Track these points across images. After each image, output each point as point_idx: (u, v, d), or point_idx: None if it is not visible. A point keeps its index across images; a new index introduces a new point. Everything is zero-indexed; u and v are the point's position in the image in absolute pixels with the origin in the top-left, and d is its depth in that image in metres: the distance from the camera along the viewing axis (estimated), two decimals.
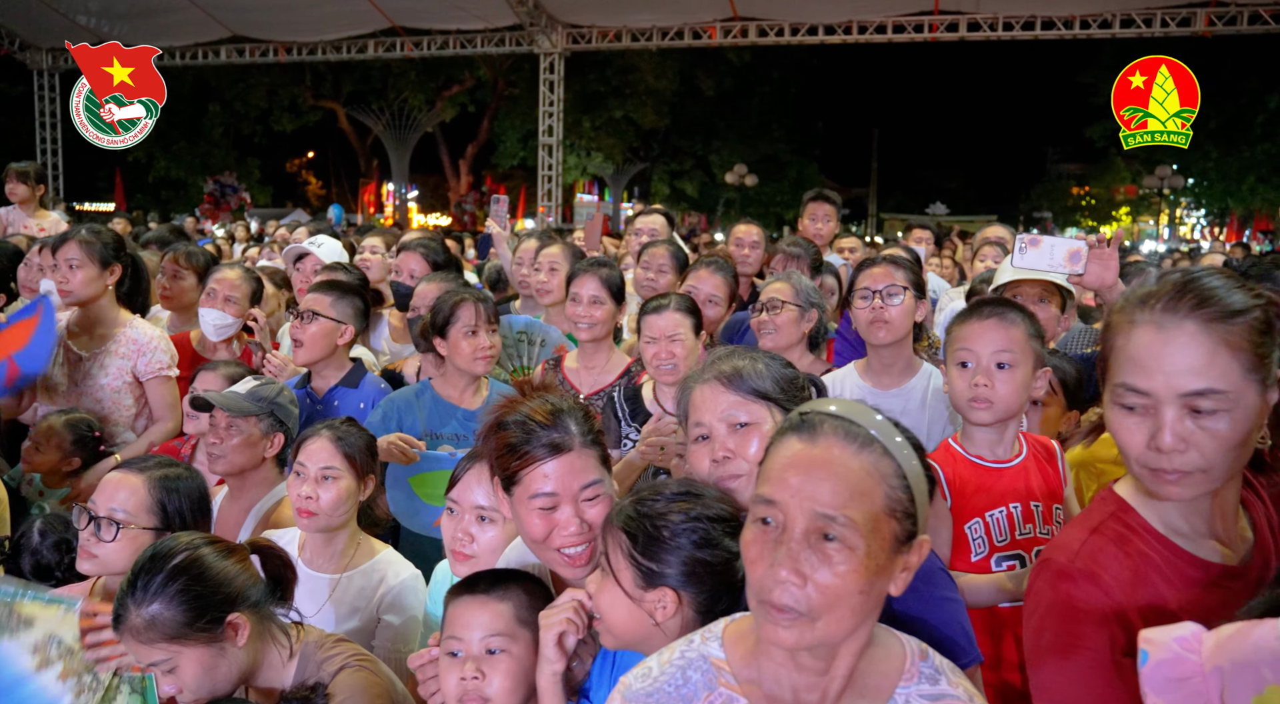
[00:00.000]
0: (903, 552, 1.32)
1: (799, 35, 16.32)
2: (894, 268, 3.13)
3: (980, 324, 2.35)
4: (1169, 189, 31.25)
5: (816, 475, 1.28)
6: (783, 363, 2.03)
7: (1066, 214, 44.98)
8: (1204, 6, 14.49)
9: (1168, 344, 1.36)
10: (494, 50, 18.13)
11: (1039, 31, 15.29)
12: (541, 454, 1.82)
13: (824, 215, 5.37)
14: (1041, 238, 2.70)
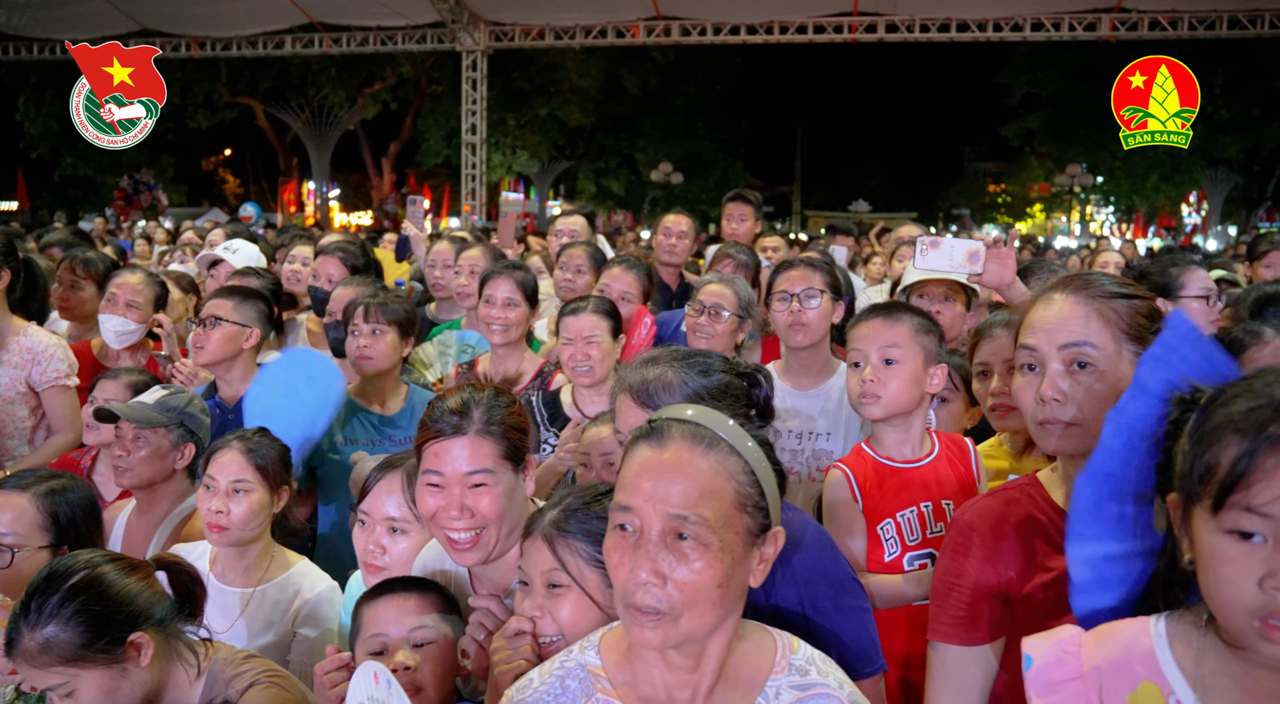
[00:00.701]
0: (758, 544, 1.39)
1: (721, 35, 16.45)
2: (811, 270, 3.16)
3: (867, 324, 2.42)
4: (1079, 187, 32.28)
5: (667, 478, 1.33)
6: (701, 370, 2.00)
7: (984, 211, 46.14)
8: (1108, 12, 15.00)
9: (1051, 308, 1.62)
10: (415, 47, 17.92)
11: (954, 34, 15.66)
12: (436, 433, 1.89)
13: (740, 216, 5.41)
14: (942, 239, 2.77)
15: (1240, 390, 1.17)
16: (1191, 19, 14.87)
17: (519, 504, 1.97)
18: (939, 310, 3.32)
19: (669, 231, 4.95)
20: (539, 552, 1.71)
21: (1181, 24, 14.93)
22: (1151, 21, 14.97)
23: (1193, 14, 14.81)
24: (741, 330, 3.50)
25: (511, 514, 1.94)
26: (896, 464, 2.39)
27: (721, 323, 3.41)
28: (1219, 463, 1.13)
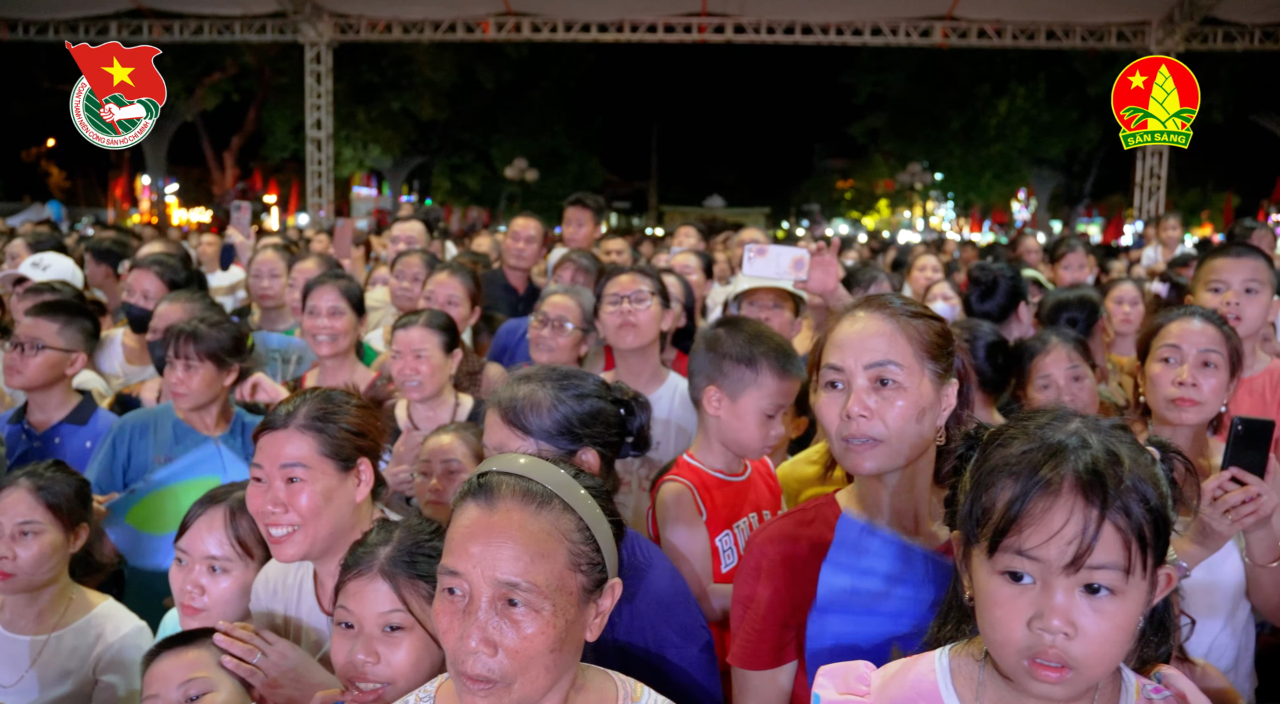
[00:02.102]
0: (594, 598, 1.36)
1: (572, 32, 16.43)
2: (640, 275, 3.20)
3: None
4: (920, 184, 33.79)
5: (496, 543, 1.29)
6: (576, 393, 1.99)
7: (833, 206, 47.72)
8: (941, 20, 15.74)
9: (856, 326, 1.64)
10: (254, 38, 17.17)
11: (799, 36, 16.12)
12: (265, 426, 1.95)
13: (579, 220, 5.42)
14: (768, 247, 2.84)
15: (1017, 432, 1.19)
16: (1014, 29, 15.77)
17: (342, 508, 1.94)
18: (768, 317, 3.39)
19: (517, 236, 4.92)
20: (375, 592, 1.65)
21: (1006, 33, 15.83)
22: (980, 30, 15.80)
23: (1015, 25, 15.71)
24: (585, 342, 3.49)
25: (333, 516, 1.91)
26: (727, 477, 2.42)
27: (565, 336, 3.38)
28: (994, 505, 1.14)
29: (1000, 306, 3.60)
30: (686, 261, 3.96)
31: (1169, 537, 1.15)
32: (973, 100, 30.02)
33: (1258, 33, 15.47)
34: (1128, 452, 1.13)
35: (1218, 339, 2.32)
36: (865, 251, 12.78)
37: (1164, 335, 2.36)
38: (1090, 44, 16.10)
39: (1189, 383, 2.27)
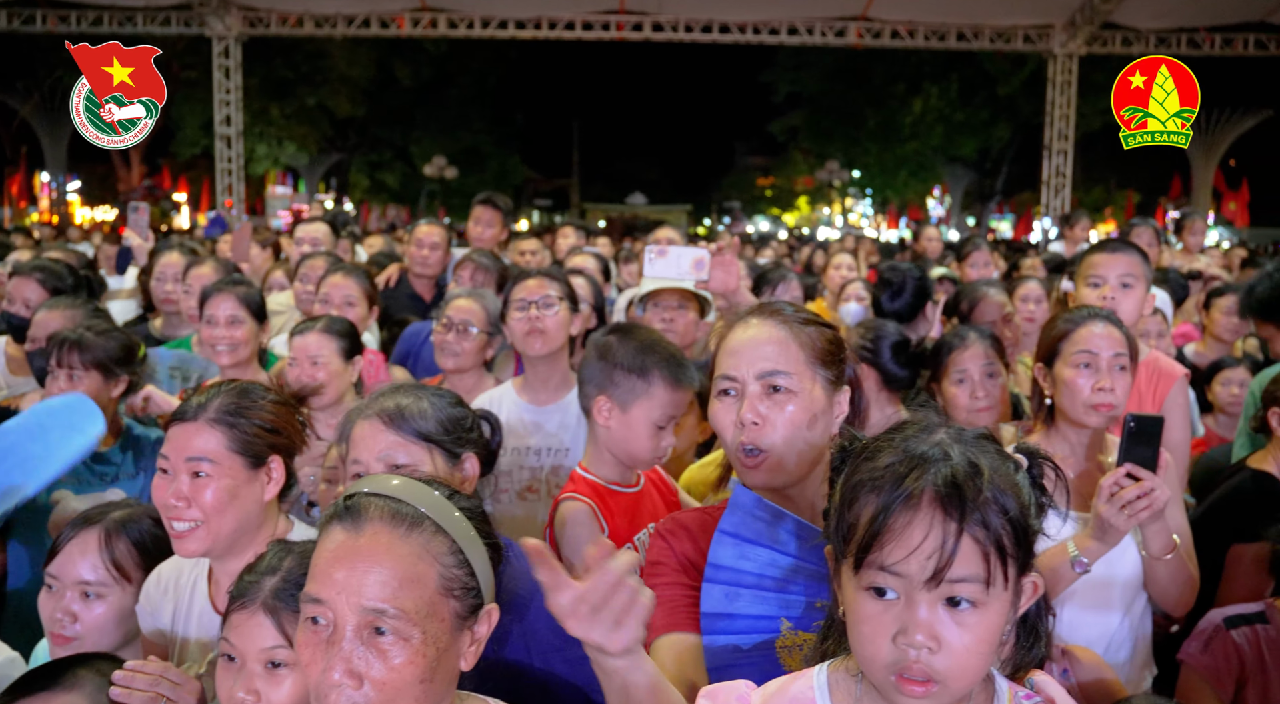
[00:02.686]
0: (468, 625, 1.31)
1: (489, 29, 16.27)
2: (548, 279, 3.15)
3: None
4: (837, 181, 34.34)
5: (361, 567, 1.23)
6: (452, 400, 2.00)
7: (754, 203, 48.22)
8: (855, 20, 16.00)
9: (749, 333, 1.64)
10: (158, 30, 16.57)
11: (716, 35, 16.22)
12: (175, 417, 1.92)
13: (487, 220, 5.34)
14: (669, 248, 2.82)
15: (883, 444, 1.18)
16: (926, 30, 16.11)
17: (249, 506, 1.90)
18: (672, 318, 3.38)
19: (421, 243, 4.83)
20: (258, 626, 1.56)
21: (918, 34, 16.15)
22: (893, 31, 16.11)
23: (927, 26, 16.05)
24: (491, 346, 3.43)
25: (238, 514, 1.88)
26: (623, 488, 2.38)
27: (469, 340, 3.32)
28: (858, 521, 1.14)
29: (908, 305, 3.67)
30: (584, 263, 3.92)
31: (1032, 546, 1.15)
32: (888, 99, 30.61)
33: (1152, 38, 16.05)
34: (989, 462, 1.13)
35: (1124, 342, 2.39)
36: (783, 249, 12.94)
37: (1076, 341, 2.37)
38: (998, 46, 16.53)
39: (1107, 388, 2.32)
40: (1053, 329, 2.46)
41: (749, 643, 1.50)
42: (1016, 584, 1.13)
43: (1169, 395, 2.95)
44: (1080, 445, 2.41)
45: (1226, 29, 15.82)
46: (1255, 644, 2.23)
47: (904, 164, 31.93)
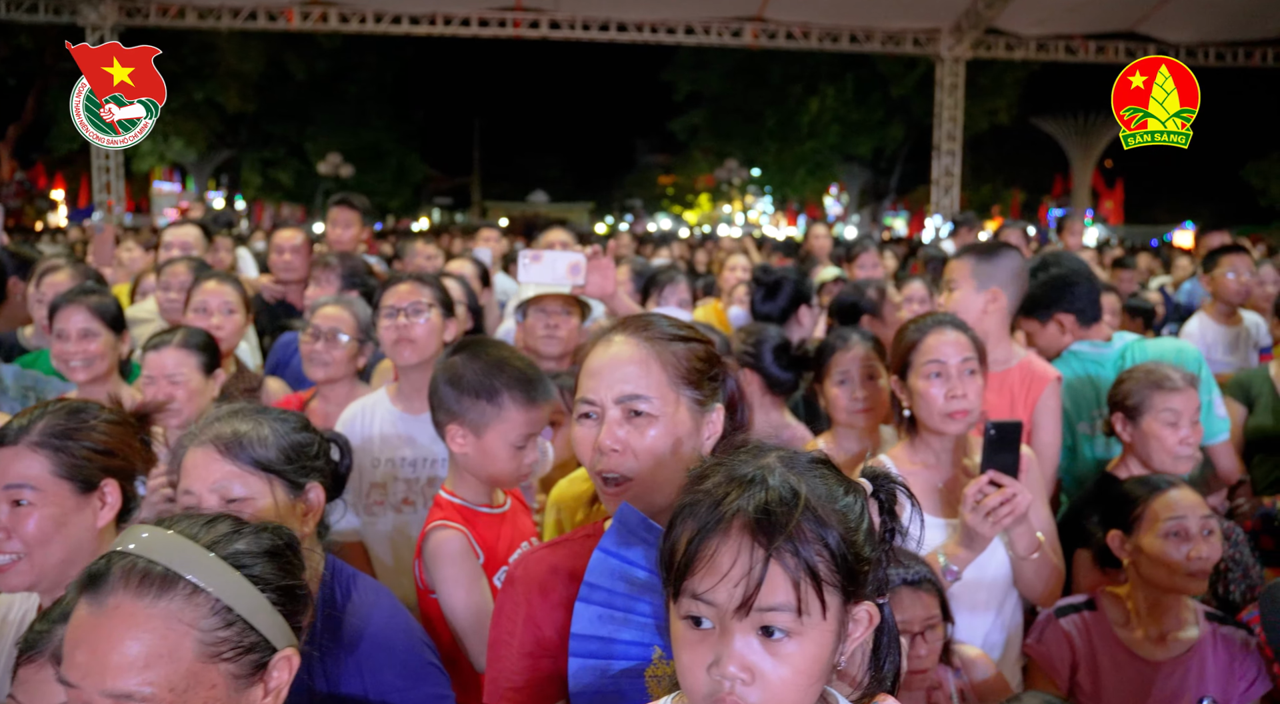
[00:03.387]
0: (256, 681, 1.24)
1: (383, 24, 15.93)
2: (419, 285, 3.05)
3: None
4: (737, 179, 34.76)
5: (103, 648, 1.15)
6: (297, 425, 1.89)
7: (656, 201, 48.42)
8: (751, 21, 16.18)
9: (609, 352, 1.54)
10: (25, 18, 15.71)
11: (614, 33, 16.20)
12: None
13: (345, 221, 5.18)
14: (544, 253, 2.77)
15: (714, 467, 1.14)
16: (820, 32, 16.40)
17: (79, 535, 1.77)
18: (556, 324, 3.33)
19: (280, 249, 4.64)
20: (46, 683, 1.44)
21: (812, 35, 16.43)
22: (788, 32, 16.34)
23: (821, 28, 16.33)
24: (363, 354, 3.32)
25: (65, 544, 1.75)
26: (492, 511, 2.28)
27: (339, 348, 3.18)
28: (676, 545, 1.10)
29: (782, 309, 3.66)
30: (462, 269, 3.84)
31: (864, 574, 1.12)
32: (786, 99, 31.11)
33: (1033, 43, 16.68)
34: (811, 488, 1.10)
35: (971, 346, 2.40)
36: (683, 248, 12.98)
37: (924, 351, 2.38)
38: (888, 48, 16.94)
39: (960, 395, 2.33)
40: (902, 340, 2.46)
41: (618, 668, 1.44)
42: (842, 614, 1.10)
43: (1041, 398, 3.02)
44: (945, 452, 2.43)
45: (1100, 37, 16.53)
46: (1084, 630, 2.35)
47: (802, 163, 32.51)
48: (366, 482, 2.86)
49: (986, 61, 16.94)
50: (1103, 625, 2.35)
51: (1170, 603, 2.33)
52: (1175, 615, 2.34)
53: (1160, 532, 2.31)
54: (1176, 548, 2.28)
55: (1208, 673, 2.27)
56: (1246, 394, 4.13)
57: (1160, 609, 2.34)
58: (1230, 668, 2.28)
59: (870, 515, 1.16)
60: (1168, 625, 2.33)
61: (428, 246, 5.70)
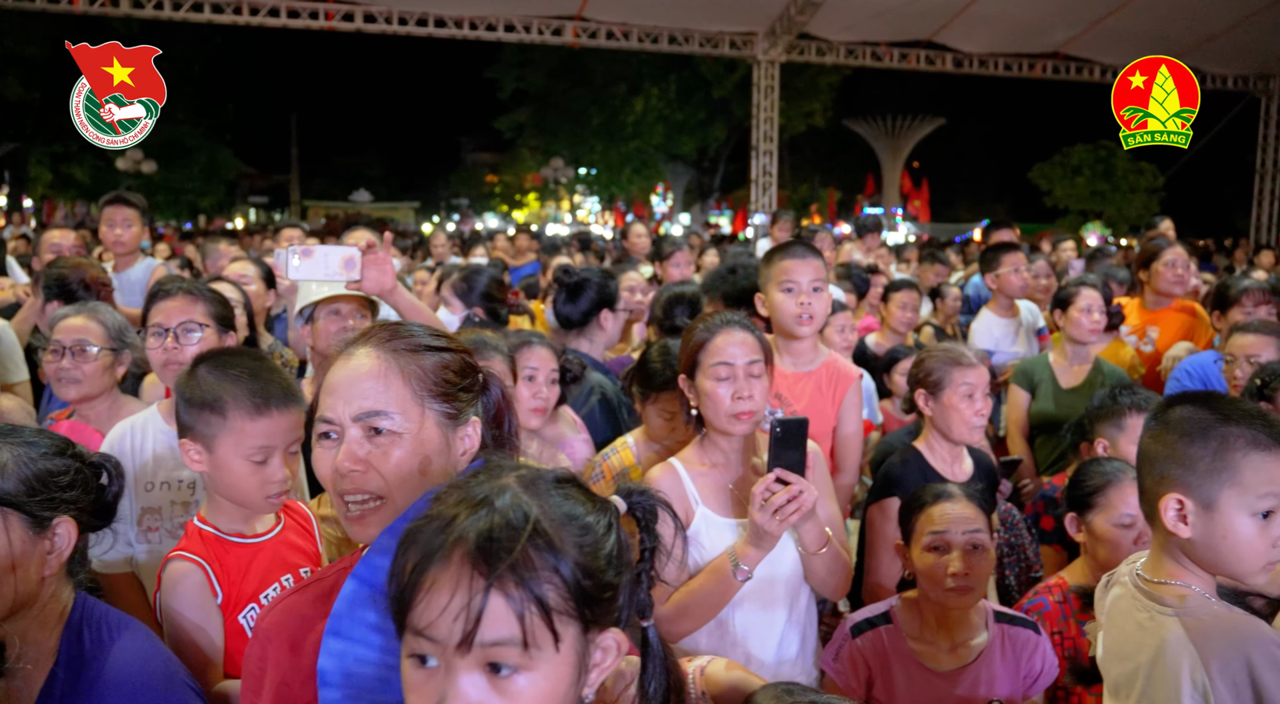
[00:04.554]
0: None
1: (182, 10, 14.95)
2: (192, 300, 2.82)
3: (280, 414, 2.08)
4: (562, 178, 34.78)
5: None
6: (48, 449, 1.69)
7: (483, 201, 47.80)
8: (571, 19, 16.15)
9: (350, 365, 1.42)
10: None
11: (432, 29, 15.80)
12: None
13: (124, 220, 4.82)
14: (315, 247, 2.56)
15: (450, 489, 1.07)
16: (640, 32, 16.55)
17: None
18: (351, 326, 3.15)
19: (52, 251, 4.24)
20: None
21: (632, 36, 16.55)
22: (608, 32, 16.41)
23: (641, 28, 16.48)
24: (120, 363, 3.02)
25: None
26: (247, 540, 2.09)
27: (89, 361, 2.91)
28: (399, 577, 1.02)
29: (583, 312, 3.55)
30: (244, 271, 3.58)
31: (609, 600, 1.06)
32: (611, 99, 31.37)
33: (842, 49, 17.40)
34: (547, 510, 1.03)
35: (758, 347, 2.41)
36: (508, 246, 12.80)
37: (713, 352, 2.37)
38: (707, 50, 17.26)
39: (746, 396, 2.34)
40: (689, 340, 2.44)
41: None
42: (582, 644, 1.04)
43: (846, 395, 3.11)
44: (734, 452, 2.43)
45: (902, 44, 17.43)
46: (879, 646, 2.38)
47: (628, 161, 32.88)
48: (139, 507, 2.63)
49: (801, 65, 17.55)
50: (896, 639, 2.38)
51: (957, 613, 2.35)
52: (965, 623, 2.37)
53: (924, 545, 2.37)
54: (937, 561, 2.33)
55: (996, 677, 2.31)
56: (1030, 381, 4.41)
57: (948, 619, 2.36)
58: (1017, 667, 2.34)
59: (620, 536, 1.09)
60: (959, 634, 2.35)
61: (231, 248, 5.35)
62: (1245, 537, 1.57)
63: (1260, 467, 1.56)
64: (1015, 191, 37.31)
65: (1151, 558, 1.72)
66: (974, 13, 15.74)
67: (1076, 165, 34.24)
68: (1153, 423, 1.69)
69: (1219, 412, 1.60)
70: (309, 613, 1.38)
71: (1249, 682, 1.51)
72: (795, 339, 3.05)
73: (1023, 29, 16.60)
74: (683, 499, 2.37)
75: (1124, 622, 1.72)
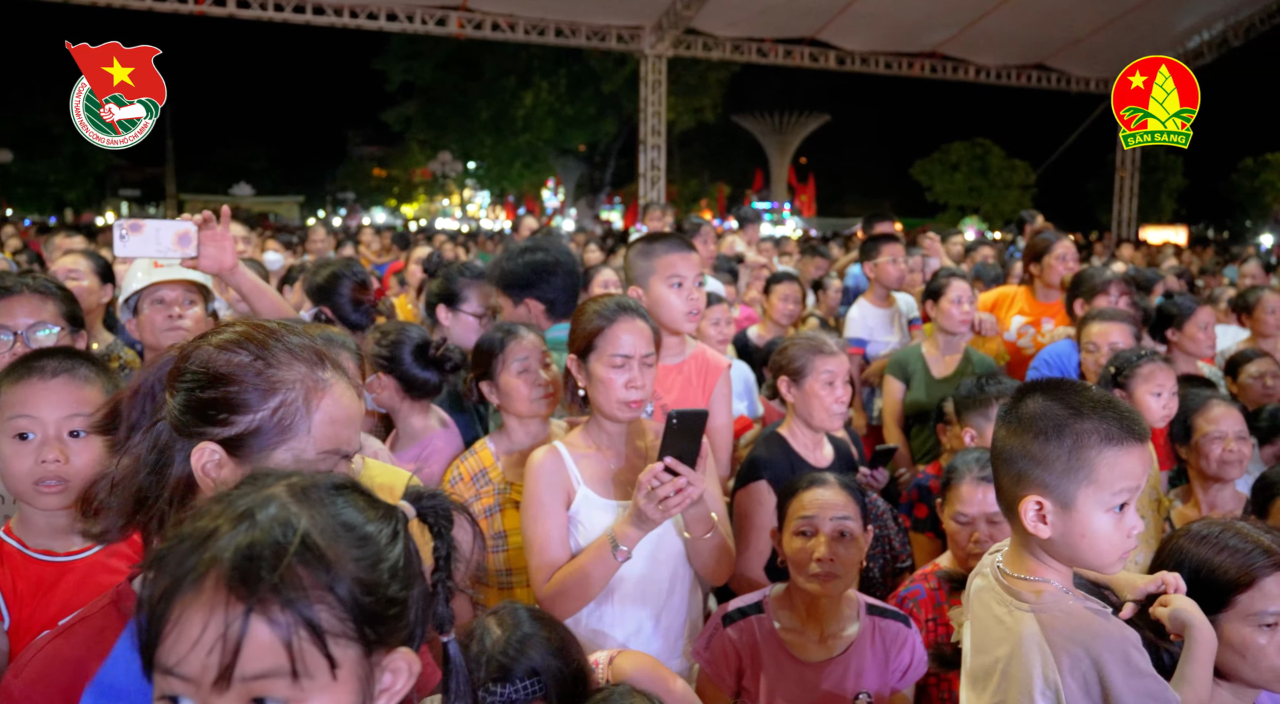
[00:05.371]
0: None
1: None
2: (41, 300, 2.62)
3: (43, 384, 1.83)
4: (451, 172, 34.25)
5: None
6: None
7: (371, 195, 46.70)
8: (456, 10, 15.86)
9: None
10: None
11: (310, 16, 15.30)
12: None
13: None
14: (144, 222, 2.38)
15: (211, 502, 0.94)
16: (526, 24, 16.38)
17: None
18: (181, 314, 2.92)
19: None
20: None
21: (518, 27, 16.37)
22: (494, 23, 16.18)
23: (527, 20, 16.32)
24: None
25: None
26: (58, 558, 1.85)
27: None
28: (146, 607, 0.90)
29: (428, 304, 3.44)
30: (74, 265, 3.32)
31: (395, 616, 0.96)
32: (500, 92, 31.01)
33: (729, 44, 17.59)
34: (320, 521, 0.92)
35: (652, 337, 2.41)
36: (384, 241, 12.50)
37: (612, 339, 2.36)
38: (594, 44, 17.21)
39: (639, 386, 2.34)
40: (587, 323, 2.41)
41: None
42: (365, 667, 0.93)
43: (716, 386, 3.09)
44: (619, 435, 2.44)
45: (787, 41, 17.71)
46: (750, 635, 2.36)
47: (518, 156, 32.58)
48: None
49: (690, 61, 17.66)
50: (767, 629, 2.36)
51: (827, 602, 2.34)
52: (836, 614, 2.36)
53: (794, 529, 2.37)
54: (804, 547, 2.32)
55: (866, 669, 2.31)
56: (904, 371, 4.49)
57: (819, 609, 2.35)
58: (887, 660, 2.33)
59: (408, 545, 1.00)
60: (829, 625, 2.34)
61: (71, 239, 4.97)
62: (1102, 532, 1.58)
63: (1115, 463, 1.56)
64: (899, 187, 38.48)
65: (1011, 551, 1.72)
66: (855, 11, 16.10)
67: (955, 162, 35.56)
68: (1007, 417, 1.68)
69: (1070, 406, 1.59)
70: (80, 655, 1.19)
71: (1098, 679, 1.52)
72: (675, 334, 3.01)
73: (902, 28, 17.07)
74: (565, 479, 2.38)
75: (984, 614, 1.72)
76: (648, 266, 3.01)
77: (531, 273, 3.33)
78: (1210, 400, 3.20)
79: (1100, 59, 18.65)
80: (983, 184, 35.13)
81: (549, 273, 3.34)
